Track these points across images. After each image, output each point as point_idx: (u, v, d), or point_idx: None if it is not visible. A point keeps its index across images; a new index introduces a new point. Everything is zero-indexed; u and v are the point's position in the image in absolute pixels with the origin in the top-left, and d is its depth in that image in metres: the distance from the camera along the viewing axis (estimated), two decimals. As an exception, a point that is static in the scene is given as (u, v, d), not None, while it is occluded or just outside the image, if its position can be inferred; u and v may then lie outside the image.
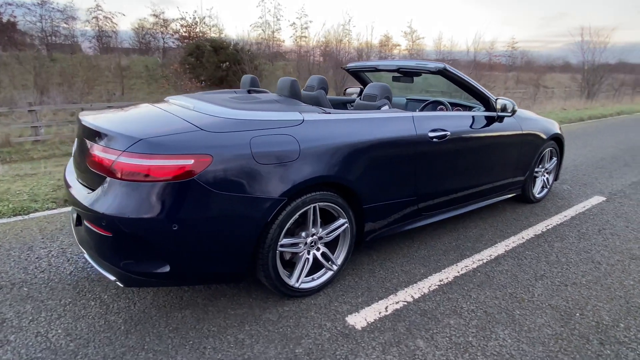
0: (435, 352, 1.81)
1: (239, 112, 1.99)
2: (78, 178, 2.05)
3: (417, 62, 3.11)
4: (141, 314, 2.03)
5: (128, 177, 1.66)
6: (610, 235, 3.18)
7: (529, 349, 1.84)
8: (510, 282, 2.43)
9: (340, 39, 25.53)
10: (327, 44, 29.06)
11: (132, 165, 1.65)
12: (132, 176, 1.65)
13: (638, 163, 5.76)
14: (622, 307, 2.19)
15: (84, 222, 1.80)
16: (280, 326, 1.96)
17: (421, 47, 37.16)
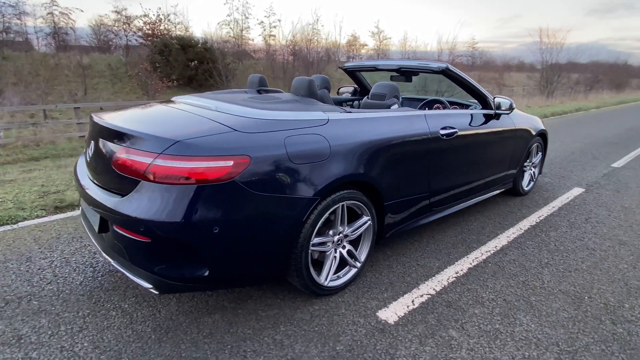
0: (469, 340, 1.89)
1: (267, 112, 1.97)
2: (97, 182, 1.95)
3: (419, 62, 3.20)
4: (169, 322, 1.97)
5: (166, 180, 1.60)
6: (597, 223, 3.42)
7: (552, 332, 1.96)
8: (520, 270, 2.57)
9: (310, 39, 25.57)
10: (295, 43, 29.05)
11: (171, 167, 1.60)
12: (171, 179, 1.60)
13: (604, 156, 6.21)
14: (622, 289, 2.38)
15: (114, 228, 1.72)
16: (315, 325, 1.97)
17: (388, 47, 37.93)
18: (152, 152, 1.63)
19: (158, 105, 2.41)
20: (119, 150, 1.75)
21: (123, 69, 19.42)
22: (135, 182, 1.67)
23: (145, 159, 1.64)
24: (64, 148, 8.05)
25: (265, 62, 25.92)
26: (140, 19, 22.71)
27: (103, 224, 1.84)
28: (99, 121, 1.97)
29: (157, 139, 1.67)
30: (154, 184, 1.62)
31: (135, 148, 1.69)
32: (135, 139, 1.72)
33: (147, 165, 1.63)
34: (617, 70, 35.03)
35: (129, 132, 1.76)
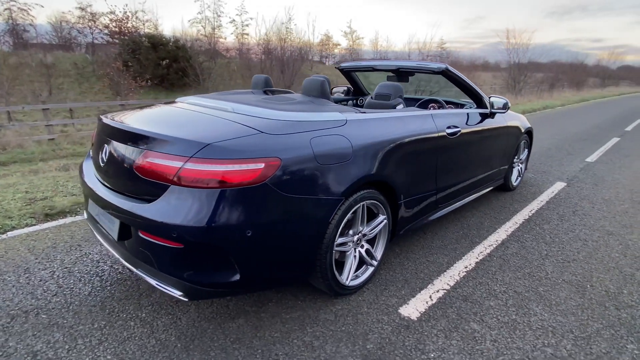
0: (491, 332, 1.96)
1: (288, 114, 1.96)
2: (113, 187, 1.87)
3: (418, 63, 3.26)
4: (193, 329, 1.92)
5: (197, 184, 1.56)
6: (584, 215, 3.62)
7: (564, 320, 2.06)
8: (524, 263, 2.68)
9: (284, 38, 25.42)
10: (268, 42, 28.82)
11: (203, 171, 1.56)
12: (202, 183, 1.56)
13: (577, 151, 6.56)
14: (618, 277, 2.53)
15: (139, 235, 1.66)
16: (341, 325, 1.98)
17: (361, 46, 38.31)
18: (182, 156, 1.59)
19: (166, 107, 2.34)
20: (142, 154, 1.69)
21: (90, 68, 18.57)
22: (163, 187, 1.62)
23: (174, 163, 1.59)
24: (34, 152, 7.64)
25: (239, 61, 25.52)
26: (106, 16, 21.78)
27: (124, 230, 1.77)
28: (113, 124, 1.89)
29: (186, 142, 1.62)
30: (184, 188, 1.58)
31: (163, 152, 1.63)
32: (161, 142, 1.67)
33: (177, 170, 1.58)
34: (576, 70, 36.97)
35: (154, 135, 1.70)
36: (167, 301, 2.13)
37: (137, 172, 1.70)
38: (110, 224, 1.87)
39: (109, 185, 1.89)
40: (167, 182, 1.61)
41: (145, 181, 1.68)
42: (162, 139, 1.67)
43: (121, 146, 1.81)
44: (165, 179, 1.61)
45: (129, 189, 1.77)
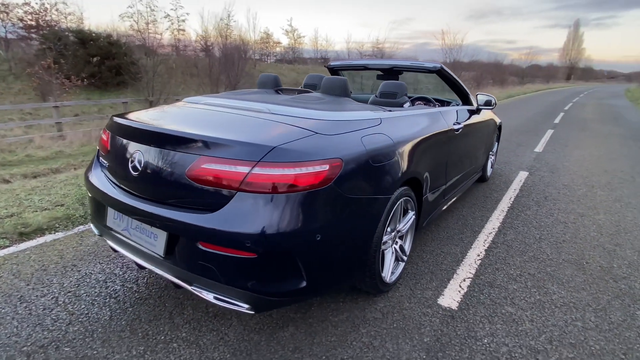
0: (525, 313, 2.10)
1: (330, 113, 1.92)
2: (152, 197, 1.69)
3: (413, 62, 3.37)
4: (244, 343, 1.81)
5: (267, 189, 1.48)
6: (554, 200, 4.01)
7: (580, 296, 2.28)
8: (525, 247, 2.91)
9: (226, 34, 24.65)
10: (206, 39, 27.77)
11: (272, 176, 1.48)
12: (272, 188, 1.48)
13: (525, 143, 7.24)
14: (604, 253, 2.86)
15: (199, 248, 1.53)
16: (391, 322, 1.99)
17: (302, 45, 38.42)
18: (248, 161, 1.48)
19: (188, 108, 2.16)
20: (197, 161, 1.55)
21: (5, 66, 16.40)
22: (225, 194, 1.50)
23: (240, 169, 1.48)
24: (-44, 162, 6.60)
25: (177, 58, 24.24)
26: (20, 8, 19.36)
27: (172, 244, 1.61)
28: (149, 127, 1.71)
29: (249, 145, 1.52)
30: (253, 194, 1.48)
31: (224, 157, 1.51)
32: (219, 146, 1.54)
33: (244, 175, 1.48)
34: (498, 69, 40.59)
35: (209, 139, 1.56)
36: (202, 317, 1.98)
37: (191, 180, 1.55)
38: (150, 237, 1.70)
39: (146, 196, 1.70)
40: (231, 189, 1.50)
41: (200, 189, 1.54)
42: (219, 143, 1.54)
43: (165, 152, 1.64)
44: (228, 186, 1.50)
45: (176, 198, 1.61)
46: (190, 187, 1.56)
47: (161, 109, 2.27)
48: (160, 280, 2.29)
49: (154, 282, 2.28)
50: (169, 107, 2.27)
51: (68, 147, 8.57)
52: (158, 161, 1.65)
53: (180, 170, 1.59)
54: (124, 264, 2.46)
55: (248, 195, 1.48)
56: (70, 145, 8.75)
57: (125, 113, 2.11)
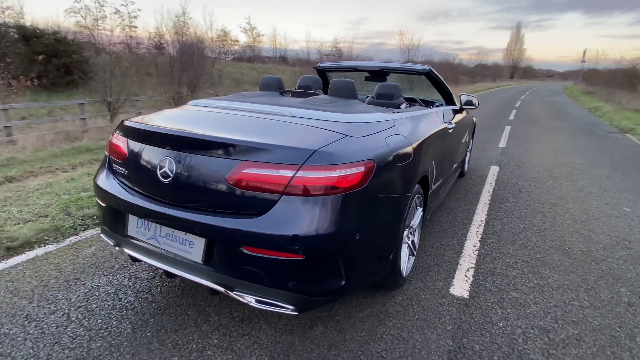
0: (528, 296, 2.29)
1: (351, 116, 1.98)
2: (184, 204, 1.65)
3: (403, 65, 3.51)
4: (279, 345, 1.83)
5: (311, 192, 1.51)
6: (528, 192, 4.34)
7: (570, 278, 2.52)
8: (513, 236, 3.14)
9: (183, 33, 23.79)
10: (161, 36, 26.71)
11: (316, 178, 1.51)
12: (318, 190, 1.51)
13: (488, 139, 7.70)
14: (581, 237, 3.15)
15: (244, 252, 1.53)
16: (413, 314, 2.09)
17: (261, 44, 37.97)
18: (292, 164, 1.51)
19: (203, 112, 2.12)
20: (238, 166, 1.54)
21: None
22: (271, 198, 1.51)
23: (284, 173, 1.50)
24: None
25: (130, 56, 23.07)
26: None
27: (212, 250, 1.60)
28: (180, 133, 1.67)
29: (290, 149, 1.54)
30: (298, 197, 1.50)
31: (267, 162, 1.52)
32: (260, 151, 1.54)
33: (289, 179, 1.50)
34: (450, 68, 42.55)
35: (250, 144, 1.56)
36: (229, 322, 1.97)
37: (232, 185, 1.54)
38: (184, 245, 1.66)
39: (179, 203, 1.66)
40: (276, 193, 1.51)
41: (242, 194, 1.54)
42: (260, 148, 1.55)
43: (201, 158, 1.61)
44: (273, 190, 1.51)
45: (216, 204, 1.59)
46: (231, 192, 1.56)
47: (174, 112, 2.21)
48: (176, 289, 2.23)
49: (168, 290, 2.22)
50: (181, 111, 2.21)
51: (20, 152, 7.91)
52: (194, 167, 1.62)
53: (219, 176, 1.57)
54: (132, 274, 2.37)
55: (293, 198, 1.51)
56: (23, 150, 8.09)
57: (134, 117, 2.03)
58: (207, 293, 2.15)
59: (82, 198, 3.41)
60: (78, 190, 3.70)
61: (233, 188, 1.55)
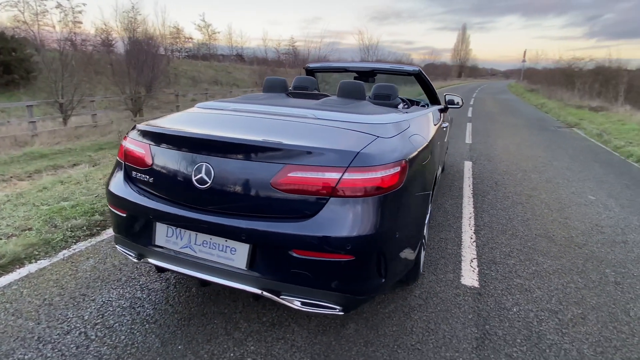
0: (531, 282, 2.47)
1: (373, 117, 2.02)
2: (224, 211, 1.61)
3: (392, 66, 3.62)
4: (317, 346, 1.84)
5: (358, 193, 1.54)
6: (504, 185, 4.64)
7: (562, 262, 2.75)
8: (502, 227, 3.36)
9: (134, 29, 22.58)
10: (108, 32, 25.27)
11: (362, 180, 1.54)
12: (363, 191, 1.54)
13: (454, 135, 8.08)
14: (561, 226, 3.44)
15: (292, 256, 1.52)
16: (434, 306, 2.19)
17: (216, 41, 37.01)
18: (338, 167, 1.52)
19: (221, 115, 2.06)
20: (283, 170, 1.53)
21: None
22: (319, 201, 1.52)
23: (331, 175, 1.52)
24: None
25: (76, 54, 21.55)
26: None
27: (256, 255, 1.58)
28: (223, 139, 1.61)
29: (335, 152, 1.55)
30: (346, 199, 1.53)
31: (312, 165, 1.52)
32: (304, 154, 1.54)
33: (336, 181, 1.52)
34: (404, 67, 44.02)
35: (296, 148, 1.55)
36: (260, 327, 1.94)
37: (277, 189, 1.53)
38: (224, 252, 1.63)
39: (219, 209, 1.62)
40: (323, 196, 1.52)
41: (287, 198, 1.54)
42: (304, 151, 1.55)
43: (242, 163, 1.58)
44: (320, 192, 1.52)
45: (260, 209, 1.57)
46: (276, 196, 1.55)
47: (190, 115, 2.13)
48: (195, 298, 2.16)
49: (187, 300, 2.14)
50: (198, 114, 2.13)
51: (-37, 160, 7.17)
52: (233, 173, 1.59)
53: (263, 180, 1.56)
54: (143, 286, 2.26)
55: (341, 200, 1.53)
56: (-34, 158, 7.33)
57: (150, 121, 1.94)
58: (250, 298, 2.14)
59: (65, 208, 3.18)
60: (57, 200, 3.44)
61: (279, 192, 1.54)
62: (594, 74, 18.59)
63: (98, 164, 5.73)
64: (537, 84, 29.35)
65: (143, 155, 1.80)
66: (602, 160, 6.24)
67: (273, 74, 35.33)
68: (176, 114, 2.20)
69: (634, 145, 7.10)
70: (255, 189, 1.57)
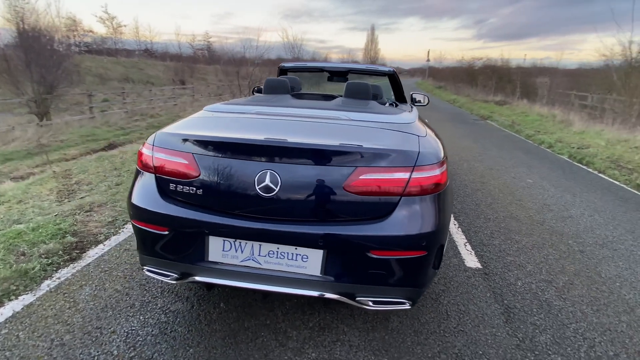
0: (520, 258, 2.81)
1: (396, 117, 2.11)
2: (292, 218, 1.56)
3: (368, 66, 3.76)
4: (374, 342, 1.88)
5: (426, 191, 1.61)
6: (457, 174, 5.11)
7: (533, 239, 3.16)
8: (474, 212, 3.73)
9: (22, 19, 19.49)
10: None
11: (427, 178, 1.62)
12: (428, 189, 1.62)
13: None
14: (519, 206, 3.93)
15: (369, 257, 1.54)
16: (455, 290, 2.37)
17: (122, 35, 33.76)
18: (406, 167, 1.58)
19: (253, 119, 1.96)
20: (354, 172, 1.53)
21: None
22: (392, 201, 1.56)
23: (400, 175, 1.57)
24: None
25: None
26: None
27: (330, 260, 1.57)
28: (290, 144, 1.54)
29: (402, 152, 1.60)
30: (415, 197, 1.59)
31: (382, 166, 1.55)
32: (373, 156, 1.56)
33: (406, 181, 1.57)
34: (322, 65, 45.02)
35: (367, 150, 1.56)
36: (311, 333, 1.92)
37: (350, 192, 1.54)
38: (294, 260, 1.58)
39: (288, 217, 1.56)
40: (395, 195, 1.57)
41: (361, 200, 1.55)
42: (374, 153, 1.57)
43: (312, 168, 1.54)
44: (392, 192, 1.56)
45: (333, 213, 1.55)
46: (348, 199, 1.55)
47: (215, 120, 1.97)
48: (230, 312, 2.04)
49: (220, 317, 2.01)
50: (219, 119, 1.98)
51: None
52: (301, 178, 1.55)
53: (334, 184, 1.54)
54: (164, 310, 2.05)
55: (411, 199, 1.59)
56: None
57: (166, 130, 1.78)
58: (320, 303, 2.12)
59: (24, 232, 2.70)
60: (7, 223, 2.89)
61: (352, 195, 1.54)
62: (490, 71, 21.20)
63: (25, 178, 4.91)
64: (442, 82, 32.38)
65: (185, 166, 1.64)
66: (522, 148, 7.22)
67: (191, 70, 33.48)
68: (193, 119, 2.02)
69: (542, 133, 8.34)
70: (327, 194, 1.55)
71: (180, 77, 27.59)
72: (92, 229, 2.90)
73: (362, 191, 1.55)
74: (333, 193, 1.55)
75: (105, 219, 3.10)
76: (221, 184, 1.60)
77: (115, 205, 3.39)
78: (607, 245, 3.10)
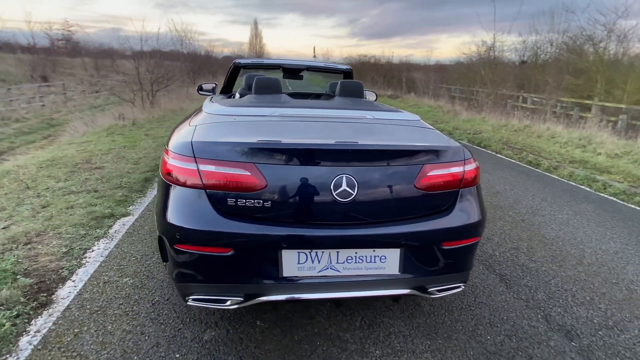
0: (494, 236, 3.24)
1: (407, 115, 2.23)
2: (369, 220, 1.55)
3: (326, 64, 3.81)
4: (423, 327, 1.99)
5: (473, 183, 1.76)
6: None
7: (508, 223, 3.66)
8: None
9: None
10: None
11: (472, 170, 1.76)
12: (474, 180, 1.78)
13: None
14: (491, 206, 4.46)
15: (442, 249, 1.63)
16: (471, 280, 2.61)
17: None
18: (459, 161, 1.71)
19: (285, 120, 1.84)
20: (422, 170, 1.60)
21: None
22: (452, 194, 1.68)
23: (456, 170, 1.69)
24: None
25: None
26: None
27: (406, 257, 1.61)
28: (359, 146, 1.52)
29: (453, 148, 1.72)
30: (468, 188, 1.73)
31: (443, 162, 1.65)
32: (434, 153, 1.65)
33: (462, 174, 1.70)
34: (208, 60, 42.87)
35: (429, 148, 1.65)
36: (364, 332, 1.94)
37: (421, 189, 1.60)
38: (373, 262, 1.58)
39: (365, 221, 1.54)
40: (454, 189, 1.69)
41: (430, 196, 1.63)
42: (434, 150, 1.66)
43: (380, 169, 1.56)
44: (453, 186, 1.68)
45: (408, 211, 1.60)
46: (419, 196, 1.61)
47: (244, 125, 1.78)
48: (272, 328, 1.91)
49: (264, 335, 1.87)
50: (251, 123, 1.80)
51: None
52: (375, 180, 1.56)
53: (406, 183, 1.59)
54: (196, 340, 1.81)
55: (466, 190, 1.73)
56: None
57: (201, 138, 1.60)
58: (390, 301, 2.14)
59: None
60: None
61: (422, 192, 1.61)
62: (378, 68, 23.11)
63: None
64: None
65: (248, 178, 1.48)
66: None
67: (52, 65, 28.34)
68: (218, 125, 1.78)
69: (439, 122, 9.52)
70: (400, 193, 1.59)
71: (41, 72, 23.23)
72: (47, 264, 2.35)
73: (431, 187, 1.63)
74: (406, 191, 1.60)
75: (56, 250, 2.52)
76: (293, 193, 1.51)
77: (59, 231, 2.78)
78: (537, 212, 3.79)
